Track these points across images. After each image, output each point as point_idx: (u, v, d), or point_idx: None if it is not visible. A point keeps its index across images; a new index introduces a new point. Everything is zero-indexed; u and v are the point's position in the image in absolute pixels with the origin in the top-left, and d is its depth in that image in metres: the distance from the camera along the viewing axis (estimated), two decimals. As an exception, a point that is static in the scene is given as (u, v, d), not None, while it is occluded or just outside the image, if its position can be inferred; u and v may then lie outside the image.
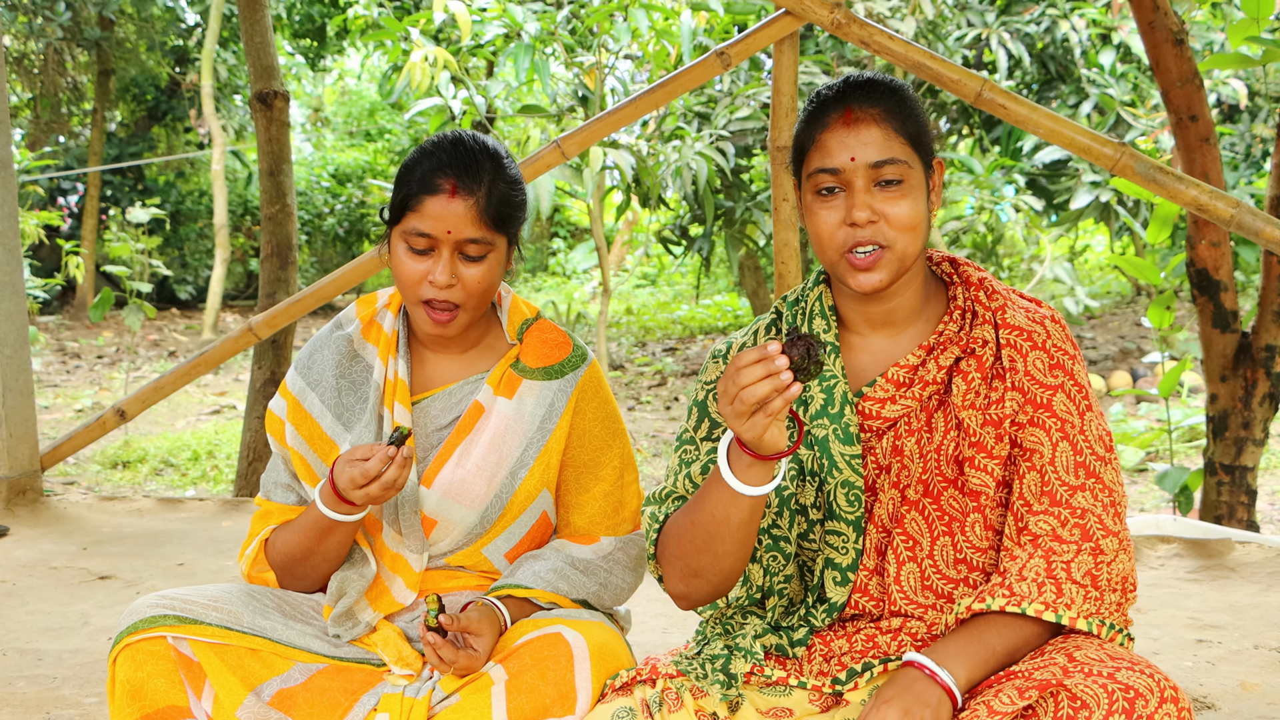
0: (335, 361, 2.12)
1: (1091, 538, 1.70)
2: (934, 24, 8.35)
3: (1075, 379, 1.78)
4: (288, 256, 5.22)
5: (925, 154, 1.80)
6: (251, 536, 2.12)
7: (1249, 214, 3.56)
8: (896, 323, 1.84)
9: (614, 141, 7.01)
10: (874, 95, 1.77)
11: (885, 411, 1.81)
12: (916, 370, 1.81)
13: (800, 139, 1.81)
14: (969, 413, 1.78)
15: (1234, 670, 2.89)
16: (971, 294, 1.85)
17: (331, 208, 15.13)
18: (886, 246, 1.74)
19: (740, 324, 12.15)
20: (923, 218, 1.77)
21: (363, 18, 8.43)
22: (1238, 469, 4.63)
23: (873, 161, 1.74)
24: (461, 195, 1.94)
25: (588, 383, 2.12)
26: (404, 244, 1.97)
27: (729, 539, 1.72)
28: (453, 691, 1.87)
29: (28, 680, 2.84)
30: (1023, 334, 1.79)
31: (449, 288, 1.96)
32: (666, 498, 1.87)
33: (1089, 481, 1.73)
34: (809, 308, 1.89)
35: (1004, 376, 1.79)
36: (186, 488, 6.82)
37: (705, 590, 1.80)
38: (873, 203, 1.74)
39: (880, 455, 1.82)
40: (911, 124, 1.78)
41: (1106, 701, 1.52)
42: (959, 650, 1.67)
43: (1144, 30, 4.44)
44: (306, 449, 2.09)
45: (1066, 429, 1.75)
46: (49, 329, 12.35)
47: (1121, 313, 11.14)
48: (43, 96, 13.49)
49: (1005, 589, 1.69)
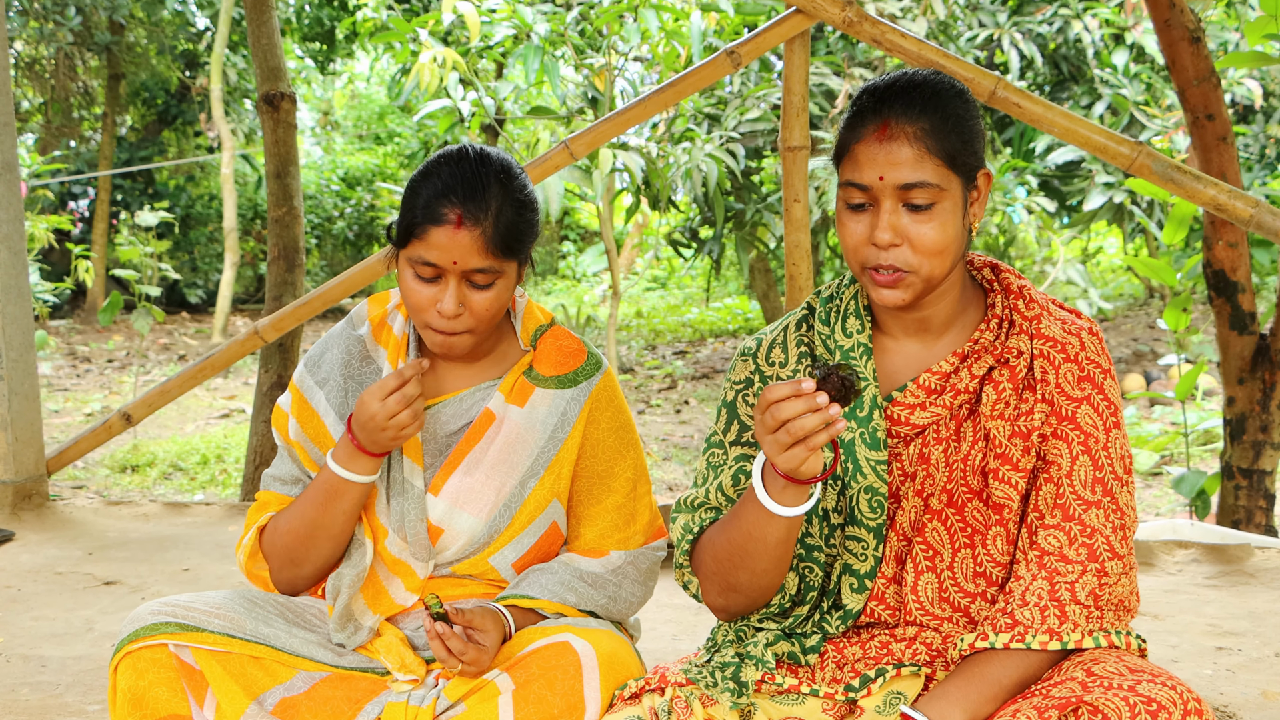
0: (344, 361, 2.08)
1: (1098, 558, 1.67)
2: (945, 24, 8.31)
3: (1105, 393, 1.74)
4: (294, 259, 5.19)
5: (965, 170, 1.72)
6: (249, 526, 2.08)
7: (1268, 213, 3.51)
8: (931, 329, 1.80)
9: (623, 144, 6.97)
10: (913, 108, 1.69)
11: (914, 418, 1.77)
12: (949, 378, 1.77)
13: (840, 140, 1.76)
14: (997, 423, 1.74)
15: (1255, 679, 2.84)
16: (1010, 302, 1.80)
17: (341, 211, 15.14)
18: (909, 271, 1.70)
19: (751, 327, 12.11)
20: (952, 240, 1.70)
21: (371, 20, 8.41)
22: (1256, 473, 4.58)
23: (902, 184, 1.68)
24: (467, 226, 1.88)
25: (601, 392, 2.08)
26: (411, 270, 1.93)
27: (766, 557, 1.70)
28: (457, 700, 1.83)
29: (31, 687, 2.82)
30: (1056, 345, 1.75)
31: (456, 317, 1.92)
32: (699, 507, 1.84)
33: (1104, 500, 1.70)
34: (843, 306, 1.84)
35: (1034, 388, 1.75)
36: (195, 491, 6.81)
37: (743, 603, 1.80)
38: (898, 223, 1.69)
39: (906, 462, 1.79)
40: (952, 139, 1.69)
41: (1129, 715, 1.49)
42: (959, 693, 1.63)
43: (1160, 28, 4.40)
44: (310, 445, 2.06)
45: (1089, 444, 1.71)
46: (59, 333, 12.37)
47: (1135, 315, 11.08)
48: (53, 101, 13.52)
49: (1008, 618, 1.66)
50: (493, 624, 1.89)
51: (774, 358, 1.87)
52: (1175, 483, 4.83)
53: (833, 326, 1.83)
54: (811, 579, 1.80)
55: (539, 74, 6.47)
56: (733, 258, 9.60)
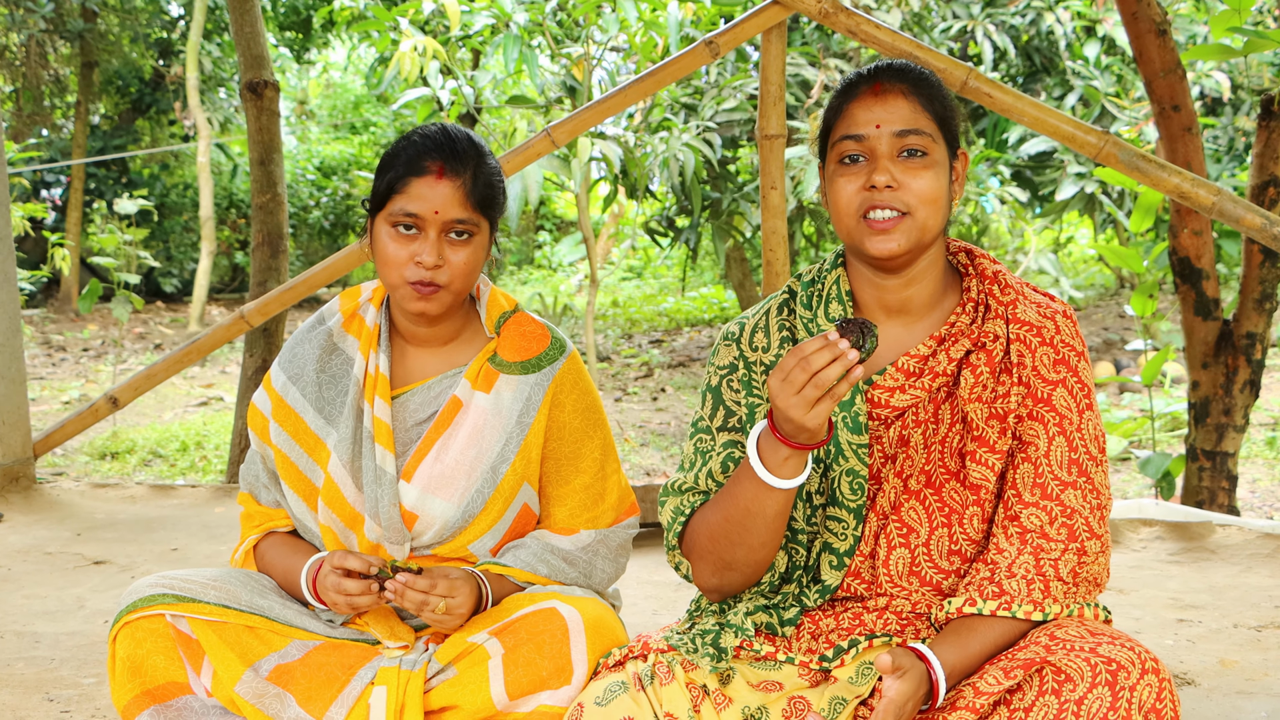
0: (316, 355, 2.12)
1: (1077, 538, 1.74)
2: (919, 16, 8.40)
3: (1079, 376, 1.79)
4: (279, 245, 5.23)
5: (951, 139, 1.81)
6: (242, 538, 2.15)
7: (1230, 201, 3.61)
8: (912, 310, 1.85)
9: (601, 133, 7.03)
10: (903, 74, 1.80)
11: (894, 401, 1.81)
12: (927, 361, 1.81)
13: (827, 116, 1.83)
14: (975, 406, 1.79)
15: (1214, 648, 2.94)
16: (985, 287, 1.84)
17: (317, 200, 15.10)
18: (906, 213, 1.75)
19: (727, 316, 12.19)
20: (944, 194, 1.78)
21: (349, 9, 8.42)
22: (1219, 455, 4.69)
23: (897, 130, 1.75)
24: (449, 177, 1.96)
25: (565, 375, 2.12)
26: (389, 227, 1.99)
27: (764, 531, 1.74)
28: (448, 664, 1.89)
29: (26, 662, 2.87)
30: (1032, 329, 1.80)
31: (436, 269, 1.97)
32: (686, 491, 1.88)
33: (1080, 480, 1.76)
34: (825, 290, 1.88)
35: (1011, 371, 1.79)
36: (175, 478, 6.83)
37: (738, 581, 1.83)
38: (895, 171, 1.75)
39: (887, 445, 1.83)
40: (939, 105, 1.80)
41: (1090, 674, 1.55)
42: (946, 647, 1.71)
43: (1127, 21, 4.49)
44: (291, 444, 2.10)
45: (1064, 425, 1.77)
46: (34, 322, 12.31)
47: (1106, 304, 11.22)
48: (25, 89, 13.43)
49: (995, 586, 1.72)
50: (464, 585, 1.94)
51: (757, 342, 1.90)
52: (1142, 465, 4.94)
53: (815, 310, 1.87)
54: (798, 559, 1.85)
55: (518, 64, 6.52)
56: (709, 247, 9.66)
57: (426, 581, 1.90)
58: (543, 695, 1.83)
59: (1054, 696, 1.57)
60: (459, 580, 1.93)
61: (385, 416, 2.05)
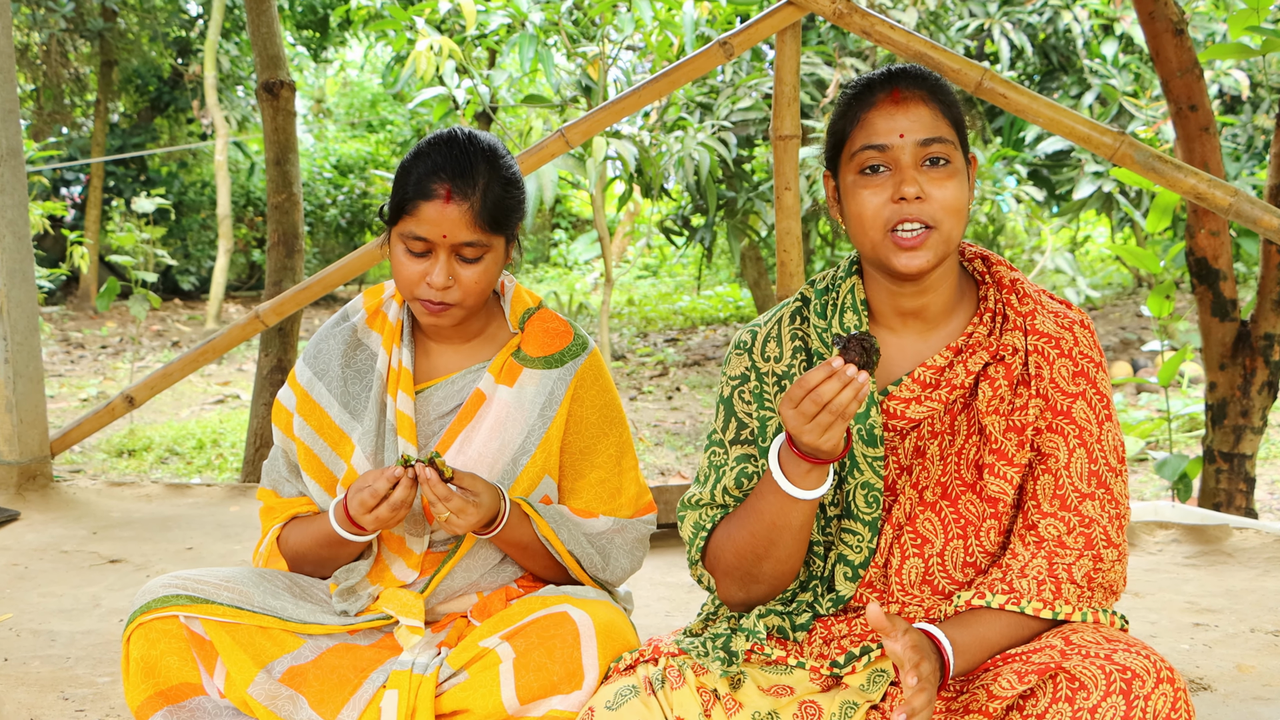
0: (341, 351, 2.15)
1: (1094, 547, 1.73)
2: (935, 15, 8.37)
3: (1098, 387, 1.78)
4: (294, 245, 5.25)
5: (964, 143, 1.79)
6: (263, 533, 2.17)
7: (1247, 202, 3.58)
8: (928, 319, 1.82)
9: (616, 132, 7.03)
10: (921, 80, 1.77)
11: (910, 412, 1.79)
12: (943, 372, 1.79)
13: (840, 123, 1.79)
14: (993, 419, 1.77)
15: (1230, 653, 2.92)
16: (1003, 296, 1.82)
17: (334, 199, 15.16)
18: (933, 227, 1.72)
19: (742, 315, 12.18)
20: (966, 203, 1.75)
21: (365, 8, 8.45)
22: (1236, 456, 4.67)
23: (921, 139, 1.72)
24: (456, 200, 1.96)
25: (587, 371, 2.15)
26: (402, 245, 2.01)
27: (790, 543, 1.74)
28: (460, 669, 1.90)
29: (42, 660, 2.88)
30: (1050, 341, 1.78)
31: (446, 289, 2.00)
32: (703, 506, 1.87)
33: (1099, 491, 1.74)
34: (840, 299, 1.86)
35: (1029, 384, 1.77)
36: (192, 476, 6.86)
37: (763, 593, 1.82)
38: (921, 181, 1.72)
39: (902, 456, 1.81)
40: (955, 110, 1.78)
41: (1104, 682, 1.54)
42: (957, 627, 1.70)
43: (1144, 20, 4.46)
44: (316, 439, 2.13)
45: (1084, 437, 1.75)
46: (53, 319, 12.39)
47: (1123, 304, 11.17)
48: (45, 87, 13.51)
49: (1005, 584, 1.72)
50: (486, 489, 1.97)
51: (769, 352, 1.88)
52: (1158, 467, 4.91)
53: (829, 320, 1.84)
54: (814, 569, 1.85)
55: (534, 63, 6.53)
56: (724, 246, 9.65)
57: (444, 490, 1.92)
58: (554, 700, 1.83)
59: (1067, 704, 1.56)
60: (475, 503, 1.95)
61: (408, 410, 2.08)
